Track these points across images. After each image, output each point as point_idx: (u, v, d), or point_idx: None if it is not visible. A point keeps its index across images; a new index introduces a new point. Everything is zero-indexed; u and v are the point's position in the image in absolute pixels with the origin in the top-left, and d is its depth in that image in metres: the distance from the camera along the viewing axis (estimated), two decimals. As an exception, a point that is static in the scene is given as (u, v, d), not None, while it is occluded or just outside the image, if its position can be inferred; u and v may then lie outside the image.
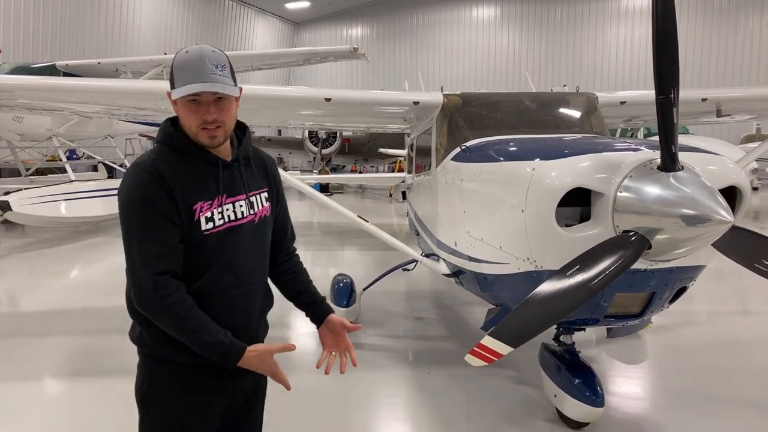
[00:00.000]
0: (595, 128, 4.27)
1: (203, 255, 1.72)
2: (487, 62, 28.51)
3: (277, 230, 1.99)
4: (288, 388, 1.74)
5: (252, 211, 1.82)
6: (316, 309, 2.00)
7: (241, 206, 1.78)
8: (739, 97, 4.99)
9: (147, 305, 1.63)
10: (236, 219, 1.77)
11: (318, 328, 2.00)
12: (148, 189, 1.64)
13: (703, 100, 4.64)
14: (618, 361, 4.46)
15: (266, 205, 1.89)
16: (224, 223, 1.74)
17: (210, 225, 1.71)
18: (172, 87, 1.69)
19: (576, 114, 4.32)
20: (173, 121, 1.78)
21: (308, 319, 2.03)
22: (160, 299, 1.60)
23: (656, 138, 2.43)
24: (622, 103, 4.67)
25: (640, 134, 12.47)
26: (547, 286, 2.42)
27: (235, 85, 1.72)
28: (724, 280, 7.27)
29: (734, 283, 7.11)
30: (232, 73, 1.73)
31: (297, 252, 2.11)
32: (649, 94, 4.80)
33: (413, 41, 30.19)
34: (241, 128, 1.90)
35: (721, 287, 7.00)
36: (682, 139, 2.71)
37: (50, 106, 5.29)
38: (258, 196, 1.86)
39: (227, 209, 1.75)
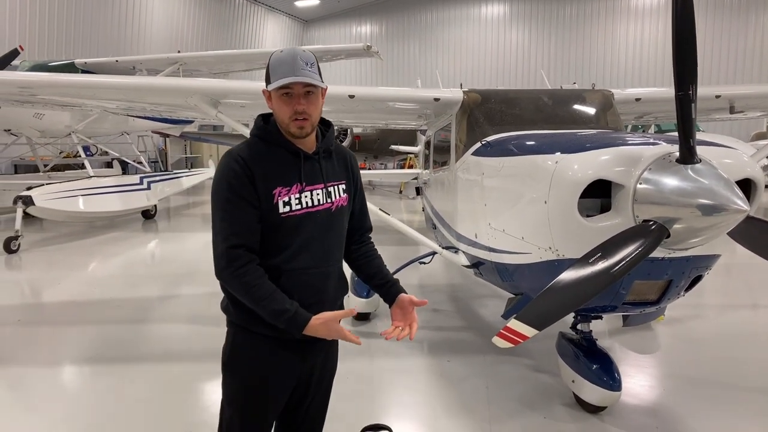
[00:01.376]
0: (611, 124, 4.39)
1: (281, 235, 1.90)
2: (496, 60, 28.52)
3: (355, 220, 2.17)
4: (359, 343, 1.87)
5: (329, 200, 1.98)
6: (388, 290, 2.13)
7: (318, 194, 1.94)
8: (752, 94, 5.08)
9: (222, 275, 1.83)
10: (313, 206, 1.93)
11: (390, 307, 2.12)
12: (232, 174, 1.84)
13: (717, 96, 4.74)
14: (631, 351, 4.58)
15: (343, 195, 2.04)
16: (301, 208, 1.91)
17: (287, 209, 1.88)
18: (268, 83, 1.88)
19: (592, 110, 4.44)
20: (264, 118, 1.99)
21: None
22: (232, 270, 1.80)
23: (669, 134, 2.54)
24: (638, 99, 4.79)
25: (651, 131, 12.53)
26: (570, 273, 2.55)
27: (321, 81, 1.89)
28: (733, 276, 7.37)
29: (744, 278, 7.21)
30: (319, 71, 1.90)
31: (372, 240, 2.28)
32: (663, 91, 4.96)
33: (422, 39, 30.24)
34: (325, 124, 2.08)
35: (732, 282, 7.10)
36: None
37: (79, 102, 5.48)
38: (336, 186, 2.02)
39: (305, 196, 1.91)
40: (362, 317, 5.20)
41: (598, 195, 2.82)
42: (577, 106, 4.47)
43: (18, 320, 5.48)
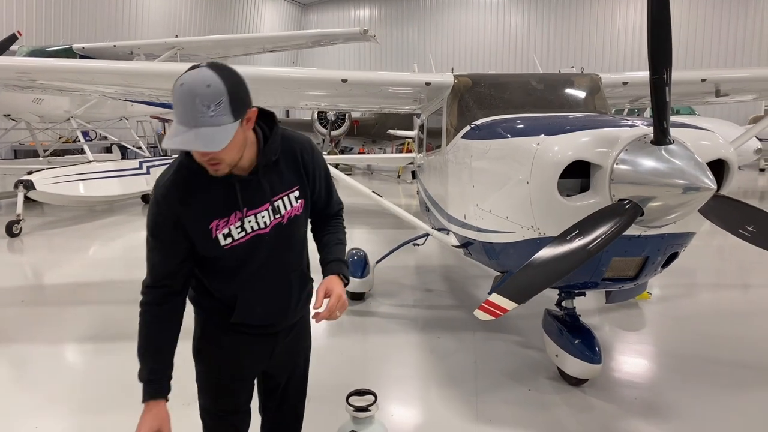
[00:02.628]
0: (599, 108, 4.48)
1: (231, 262, 1.83)
2: (495, 43, 28.45)
3: (320, 208, 2.05)
4: None
5: (278, 215, 1.83)
6: (323, 269, 2.01)
7: (263, 216, 1.80)
8: (738, 78, 5.16)
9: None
10: (260, 228, 1.80)
11: None
12: (156, 217, 1.76)
13: (703, 80, 4.83)
14: (618, 328, 4.72)
15: (296, 204, 1.87)
16: (246, 235, 1.79)
17: (229, 240, 1.77)
18: None
19: (580, 94, 4.53)
20: None
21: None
22: (141, 303, 1.83)
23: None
24: (625, 83, 4.87)
25: (647, 114, 12.58)
26: (548, 249, 2.67)
27: (236, 119, 1.56)
28: (726, 257, 7.48)
29: (736, 259, 7.30)
30: (235, 102, 1.54)
31: (339, 215, 2.14)
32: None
33: (421, 23, 30.12)
34: (269, 122, 1.80)
35: (723, 264, 7.22)
36: (688, 120, 2.92)
37: (77, 87, 5.57)
38: (285, 198, 1.85)
39: (248, 221, 1.78)
40: (357, 297, 5.34)
41: (579, 175, 2.94)
42: (565, 90, 4.55)
43: (21, 301, 5.63)
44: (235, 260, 1.83)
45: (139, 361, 1.82)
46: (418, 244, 5.83)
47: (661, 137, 2.60)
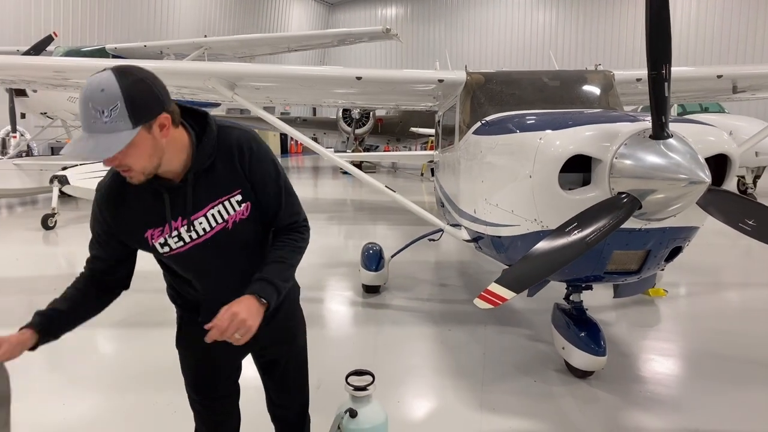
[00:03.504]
0: (612, 104, 4.49)
1: (178, 267, 1.85)
2: (523, 41, 28.22)
3: (270, 213, 1.84)
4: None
5: (221, 220, 1.74)
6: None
7: (201, 223, 1.73)
8: (756, 74, 5.08)
9: None
10: (198, 237, 1.74)
11: None
12: (94, 222, 1.83)
13: (719, 77, 4.79)
14: (630, 324, 4.72)
15: (240, 208, 1.75)
16: (184, 244, 1.74)
17: (167, 249, 1.75)
18: None
19: (593, 90, 4.56)
20: None
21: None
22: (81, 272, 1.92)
23: (695, 116, 2.68)
24: (638, 80, 4.87)
25: (674, 111, 12.37)
26: (546, 241, 2.74)
27: (135, 125, 1.45)
28: (754, 257, 7.32)
29: (765, 259, 7.15)
30: (134, 107, 1.44)
31: (295, 230, 1.88)
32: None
33: (447, 20, 30.09)
34: (201, 119, 1.70)
35: (750, 263, 7.08)
36: (714, 117, 2.89)
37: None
38: (226, 202, 1.74)
39: (184, 230, 1.72)
40: (372, 290, 5.46)
41: (582, 170, 3.00)
42: (577, 87, 4.58)
43: (54, 289, 5.80)
44: (182, 267, 1.84)
45: None
46: (433, 239, 5.91)
47: (659, 132, 2.65)
